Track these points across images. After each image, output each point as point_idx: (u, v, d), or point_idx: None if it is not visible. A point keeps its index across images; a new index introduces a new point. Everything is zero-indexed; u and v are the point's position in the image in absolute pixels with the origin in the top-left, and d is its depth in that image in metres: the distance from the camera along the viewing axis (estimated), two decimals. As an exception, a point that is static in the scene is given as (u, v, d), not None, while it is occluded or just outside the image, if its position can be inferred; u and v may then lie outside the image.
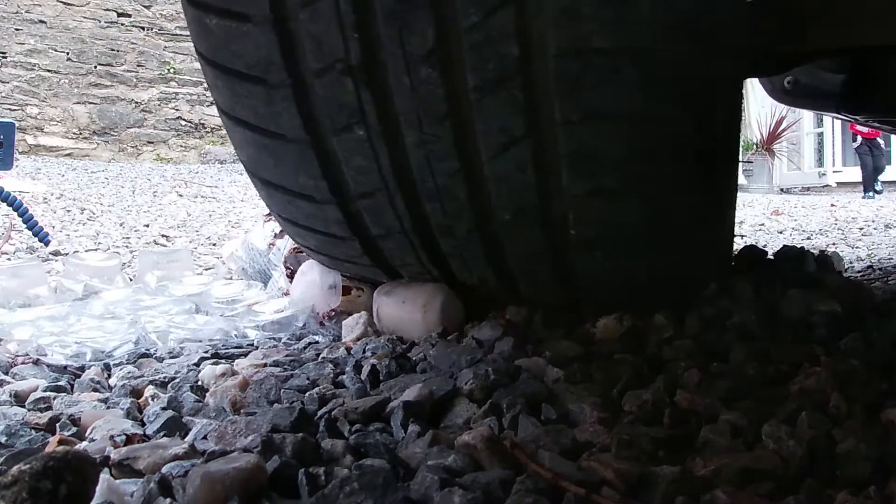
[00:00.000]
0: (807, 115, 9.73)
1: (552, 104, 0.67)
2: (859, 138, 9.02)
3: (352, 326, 1.01)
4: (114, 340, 1.00)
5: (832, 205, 5.84)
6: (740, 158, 0.95)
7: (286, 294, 1.20)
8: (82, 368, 0.90)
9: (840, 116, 1.55)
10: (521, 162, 0.71)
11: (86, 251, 2.12)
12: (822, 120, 9.88)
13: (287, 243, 1.28)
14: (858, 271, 1.81)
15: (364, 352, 0.89)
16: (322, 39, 0.69)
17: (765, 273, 0.99)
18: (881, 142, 9.09)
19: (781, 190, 9.66)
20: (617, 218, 0.75)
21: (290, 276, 1.21)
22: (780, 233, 3.30)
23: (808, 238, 3.04)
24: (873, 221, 3.90)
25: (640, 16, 0.64)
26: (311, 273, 1.11)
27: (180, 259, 1.59)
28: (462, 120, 0.70)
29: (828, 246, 2.66)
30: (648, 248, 0.80)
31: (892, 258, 2.15)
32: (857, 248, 2.57)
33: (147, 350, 0.99)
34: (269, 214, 1.30)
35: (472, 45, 0.65)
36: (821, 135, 10.08)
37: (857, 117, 1.49)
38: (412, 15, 0.65)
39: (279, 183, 0.87)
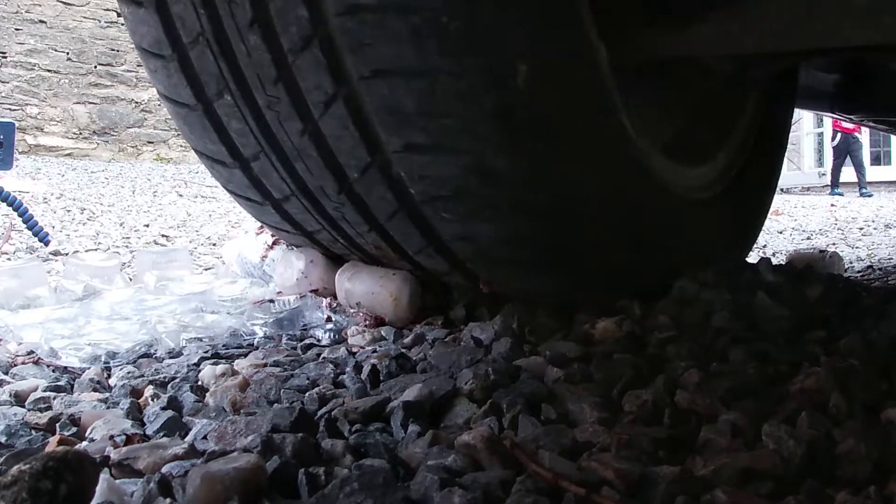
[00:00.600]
0: (807, 116, 9.73)
1: (347, 62, 0.72)
2: (839, 135, 9.12)
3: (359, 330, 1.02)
4: (126, 342, 1.00)
5: (832, 205, 5.84)
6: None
7: (280, 294, 1.20)
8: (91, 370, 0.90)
9: (835, 115, 1.55)
10: (342, 119, 0.76)
11: (86, 251, 2.12)
12: (822, 120, 9.88)
13: (281, 253, 1.29)
14: (858, 271, 1.81)
15: (364, 349, 0.89)
16: (184, 17, 0.77)
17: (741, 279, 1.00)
18: (858, 135, 9.21)
19: (781, 190, 9.66)
20: (442, 175, 0.77)
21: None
22: (780, 233, 3.29)
23: (808, 238, 3.04)
24: (873, 221, 3.89)
25: None
26: (286, 260, 1.14)
27: (179, 258, 1.58)
28: (291, 81, 0.76)
29: (828, 246, 2.66)
30: (489, 209, 0.81)
31: (892, 258, 2.15)
32: (857, 248, 2.57)
33: (155, 350, 0.99)
34: (261, 227, 1.30)
35: (276, 11, 0.71)
36: (821, 135, 10.08)
37: (851, 116, 1.50)
38: None
39: (198, 148, 0.95)
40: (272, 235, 1.25)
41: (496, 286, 0.93)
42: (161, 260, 1.54)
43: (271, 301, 1.14)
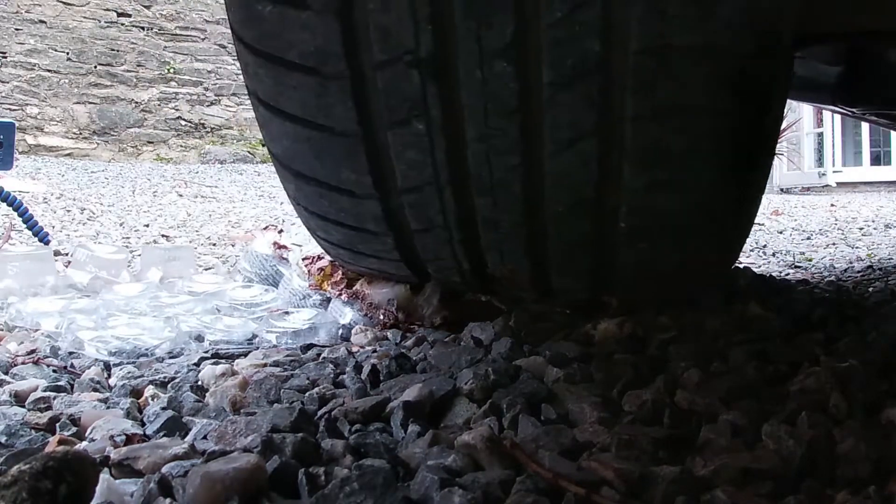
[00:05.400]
0: (807, 115, 9.72)
1: (625, 99, 0.68)
2: None
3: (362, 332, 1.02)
4: (152, 339, 1.00)
5: (832, 205, 5.84)
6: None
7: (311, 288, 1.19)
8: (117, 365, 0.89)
9: (837, 109, 1.55)
10: (585, 156, 0.71)
11: (97, 242, 2.12)
12: (822, 120, 9.87)
13: (300, 249, 1.28)
14: (858, 271, 1.81)
15: (364, 349, 0.89)
16: (391, 30, 0.68)
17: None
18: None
19: (781, 190, 9.66)
20: (666, 209, 0.77)
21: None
22: (780, 233, 3.29)
23: (808, 238, 3.04)
24: (873, 221, 3.89)
25: (720, 16, 0.66)
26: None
27: (183, 256, 1.58)
28: (531, 115, 0.70)
29: (827, 246, 2.66)
30: (688, 239, 0.83)
31: (892, 258, 2.15)
32: (857, 248, 2.57)
33: (179, 350, 0.99)
34: (266, 227, 1.30)
35: (552, 41, 0.65)
36: (821, 135, 10.07)
37: (853, 109, 1.49)
38: (492, 9, 0.65)
39: (315, 176, 0.85)
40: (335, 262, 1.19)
41: (622, 301, 0.93)
42: (167, 256, 1.54)
43: (287, 312, 1.14)
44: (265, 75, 0.78)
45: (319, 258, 1.21)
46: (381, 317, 1.04)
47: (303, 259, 1.23)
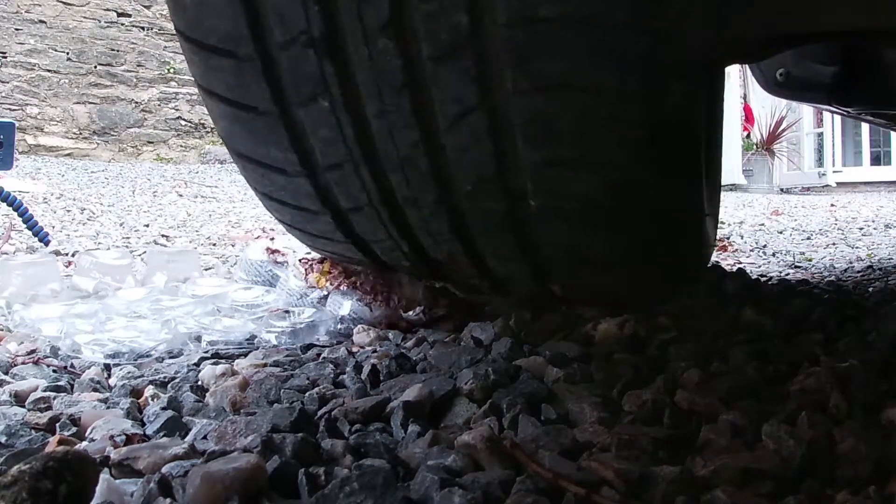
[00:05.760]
0: (807, 115, 9.72)
1: (504, 73, 0.68)
2: None
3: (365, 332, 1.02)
4: (149, 340, 1.00)
5: (832, 205, 5.84)
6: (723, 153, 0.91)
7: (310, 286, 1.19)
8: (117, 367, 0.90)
9: (833, 109, 1.54)
10: (476, 132, 0.72)
11: (105, 248, 2.12)
12: (822, 120, 9.87)
13: (293, 253, 1.29)
14: (858, 271, 1.81)
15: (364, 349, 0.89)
16: (285, 12, 0.70)
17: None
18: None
19: (781, 190, 9.66)
20: (574, 189, 0.76)
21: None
22: (780, 233, 3.29)
23: (809, 238, 3.04)
24: (873, 221, 3.89)
25: None
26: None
27: (188, 260, 1.58)
28: (419, 90, 0.71)
29: (827, 246, 2.66)
30: (610, 224, 0.80)
31: (892, 258, 2.15)
32: (857, 248, 2.57)
33: (179, 350, 0.99)
34: (258, 237, 1.31)
35: (425, 15, 0.66)
36: (821, 135, 10.07)
37: (848, 109, 1.49)
38: None
39: (252, 156, 0.89)
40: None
41: (569, 292, 0.92)
42: (171, 259, 1.54)
43: (287, 311, 1.14)
44: (198, 61, 0.82)
45: (315, 261, 1.21)
46: (380, 303, 1.04)
47: (300, 260, 1.24)
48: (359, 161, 0.80)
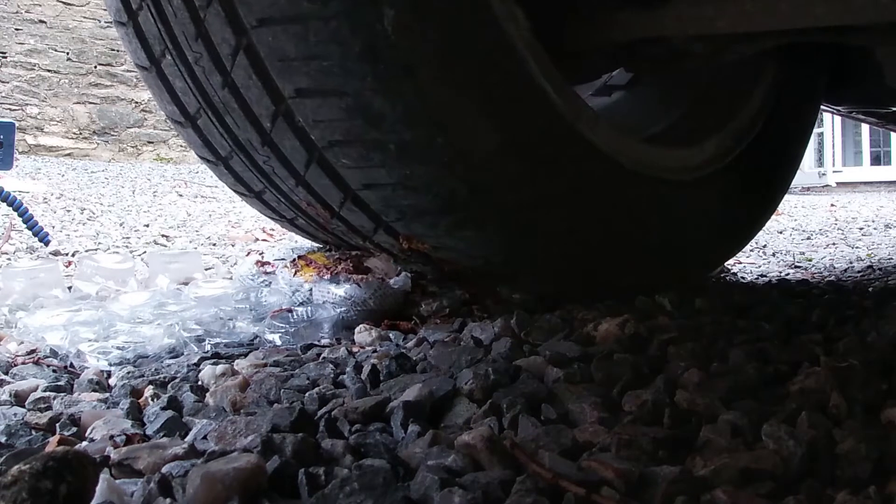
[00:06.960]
0: (807, 115, 9.71)
1: (241, 13, 0.78)
2: None
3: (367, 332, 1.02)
4: (153, 348, 1.00)
5: (832, 205, 5.84)
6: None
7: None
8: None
9: (825, 108, 1.55)
10: (246, 69, 0.82)
11: (106, 251, 2.11)
12: (822, 120, 9.87)
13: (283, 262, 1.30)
14: (858, 271, 1.81)
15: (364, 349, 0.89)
16: None
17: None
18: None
19: (781, 190, 9.64)
20: (332, 119, 0.82)
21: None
22: (780, 232, 3.29)
23: (809, 238, 3.04)
24: (873, 221, 3.90)
25: None
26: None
27: (189, 260, 1.58)
28: (206, 35, 0.81)
29: (827, 246, 2.66)
30: (379, 153, 0.85)
31: (892, 258, 2.15)
32: (857, 248, 2.57)
33: (179, 350, 0.99)
34: (248, 253, 1.33)
35: None
36: (821, 135, 10.06)
37: (839, 108, 1.50)
38: None
39: (163, 111, 1.01)
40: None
41: (416, 243, 0.96)
42: (173, 261, 1.54)
43: (289, 311, 1.14)
44: (122, 34, 0.97)
45: (301, 258, 1.24)
46: (363, 279, 1.06)
47: (291, 261, 1.26)
48: (206, 110, 0.91)
